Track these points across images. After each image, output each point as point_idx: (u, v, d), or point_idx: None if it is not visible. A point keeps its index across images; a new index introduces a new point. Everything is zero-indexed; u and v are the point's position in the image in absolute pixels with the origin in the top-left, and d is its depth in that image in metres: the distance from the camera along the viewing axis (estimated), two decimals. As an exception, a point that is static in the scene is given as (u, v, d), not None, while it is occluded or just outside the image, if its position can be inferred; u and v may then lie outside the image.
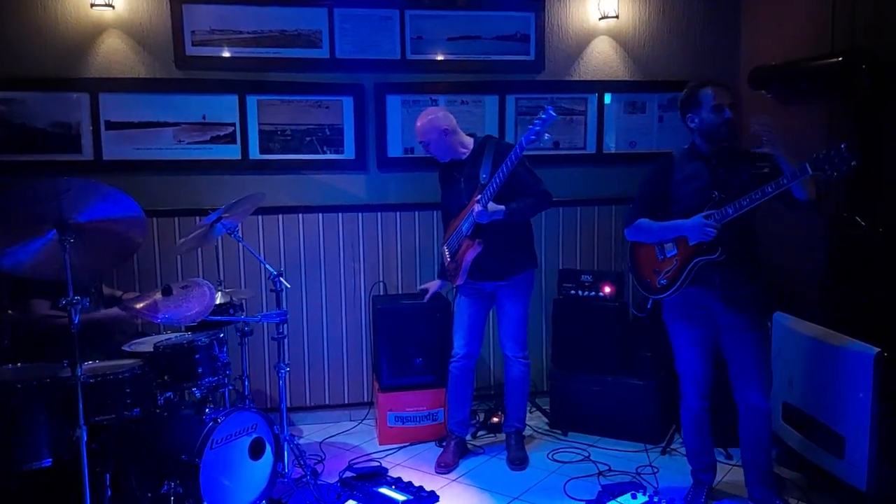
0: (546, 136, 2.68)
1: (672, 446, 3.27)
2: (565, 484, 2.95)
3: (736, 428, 2.68)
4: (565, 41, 3.75)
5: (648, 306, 2.71)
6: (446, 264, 3.22)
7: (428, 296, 3.36)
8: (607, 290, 3.47)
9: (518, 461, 3.15)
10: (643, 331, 3.40)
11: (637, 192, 2.72)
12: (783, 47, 3.48)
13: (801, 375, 2.89)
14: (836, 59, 3.02)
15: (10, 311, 2.42)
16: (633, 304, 2.80)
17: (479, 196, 2.90)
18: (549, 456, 3.23)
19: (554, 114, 2.65)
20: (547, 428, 3.55)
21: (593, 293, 3.50)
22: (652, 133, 3.89)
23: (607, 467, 3.08)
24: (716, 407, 2.72)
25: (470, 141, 3.14)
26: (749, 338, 2.54)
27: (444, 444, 3.26)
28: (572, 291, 3.54)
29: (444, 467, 3.11)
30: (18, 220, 2.10)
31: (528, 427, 3.45)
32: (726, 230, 2.44)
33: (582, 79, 3.78)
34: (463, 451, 3.24)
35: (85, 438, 2.13)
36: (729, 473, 3.00)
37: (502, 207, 2.90)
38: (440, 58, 3.62)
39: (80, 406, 2.12)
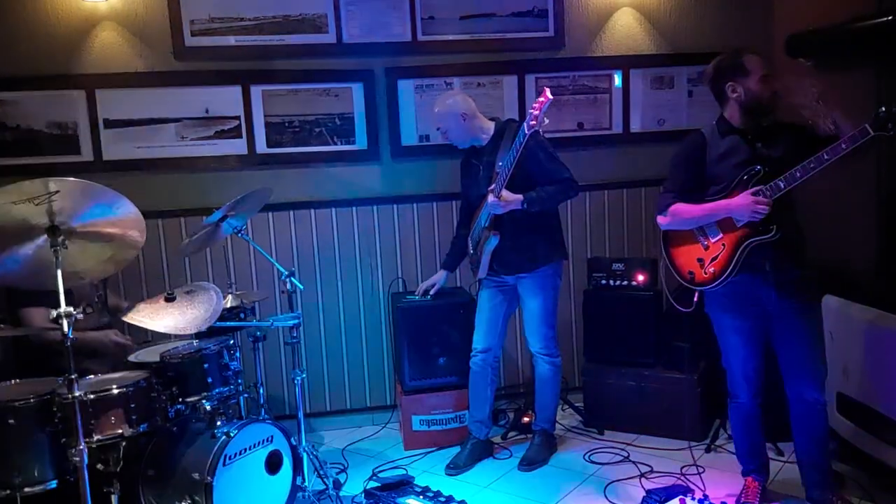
0: (545, 120, 2.53)
1: (717, 443, 3.06)
2: (605, 488, 2.76)
3: (786, 419, 2.47)
4: (586, 15, 3.52)
5: (695, 299, 2.47)
6: (469, 257, 3.06)
7: (434, 290, 3.19)
8: (641, 278, 3.26)
9: (527, 462, 2.98)
10: (680, 321, 3.17)
11: (669, 175, 2.49)
12: (821, 10, 3.23)
13: (856, 363, 2.67)
14: (885, 19, 2.78)
15: (2, 325, 2.26)
16: (673, 297, 2.57)
17: (492, 186, 2.74)
18: (586, 457, 3.04)
19: (551, 96, 2.51)
20: (581, 427, 3.35)
21: (625, 282, 3.29)
22: (681, 109, 3.66)
23: (649, 468, 2.88)
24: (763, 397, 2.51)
25: (491, 126, 2.95)
26: (803, 325, 2.33)
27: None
28: (603, 281, 3.34)
29: (452, 468, 2.97)
30: (6, 226, 1.94)
31: (561, 426, 3.29)
32: (776, 206, 2.22)
33: (605, 54, 3.55)
34: (482, 454, 3.06)
35: (87, 460, 1.97)
36: (782, 471, 2.79)
37: (519, 197, 2.74)
38: (454, 38, 3.41)
39: (79, 424, 1.96)
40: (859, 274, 3.03)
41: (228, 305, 2.77)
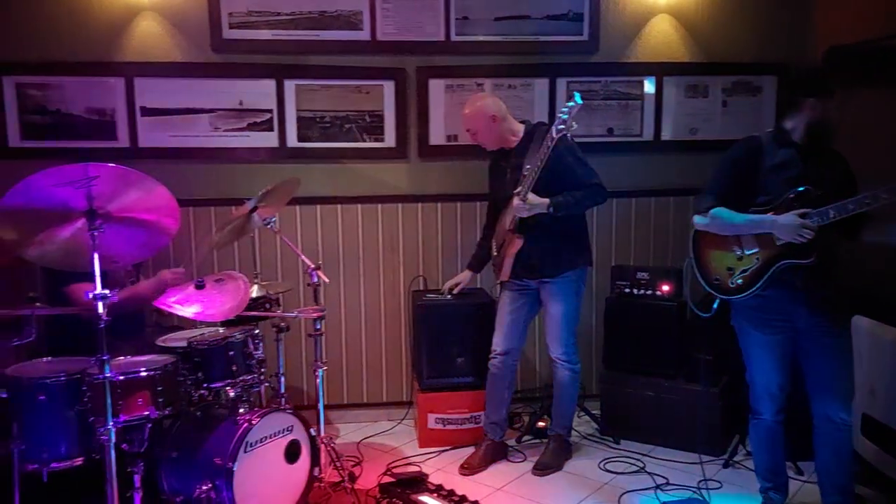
0: (574, 124, 2.52)
1: (735, 458, 3.03)
2: (620, 497, 2.75)
3: (807, 438, 2.43)
4: (622, 20, 3.50)
5: (715, 306, 2.45)
6: (492, 259, 3.07)
7: (458, 289, 3.21)
8: (665, 288, 3.24)
9: (541, 466, 2.98)
10: (703, 332, 3.15)
11: (715, 175, 2.41)
12: (865, 23, 3.17)
13: (884, 385, 2.61)
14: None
15: (37, 304, 2.32)
16: (694, 301, 2.54)
17: (518, 189, 2.73)
18: (601, 465, 3.03)
19: (580, 101, 2.49)
20: (597, 435, 3.34)
21: (649, 291, 3.27)
22: (715, 119, 3.62)
23: (665, 480, 2.86)
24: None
25: (520, 128, 2.95)
26: (832, 343, 2.29)
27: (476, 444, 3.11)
28: (626, 289, 3.31)
29: (466, 469, 2.97)
30: (45, 208, 1.99)
31: (576, 433, 3.28)
32: (820, 232, 2.18)
33: (639, 60, 3.53)
34: (496, 456, 3.07)
35: (114, 439, 2.01)
36: (801, 491, 2.75)
37: (546, 201, 2.73)
38: (487, 39, 3.41)
39: (108, 404, 2.01)
40: (891, 295, 2.97)
41: (254, 295, 2.81)
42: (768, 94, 3.61)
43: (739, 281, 2.33)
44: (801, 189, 2.23)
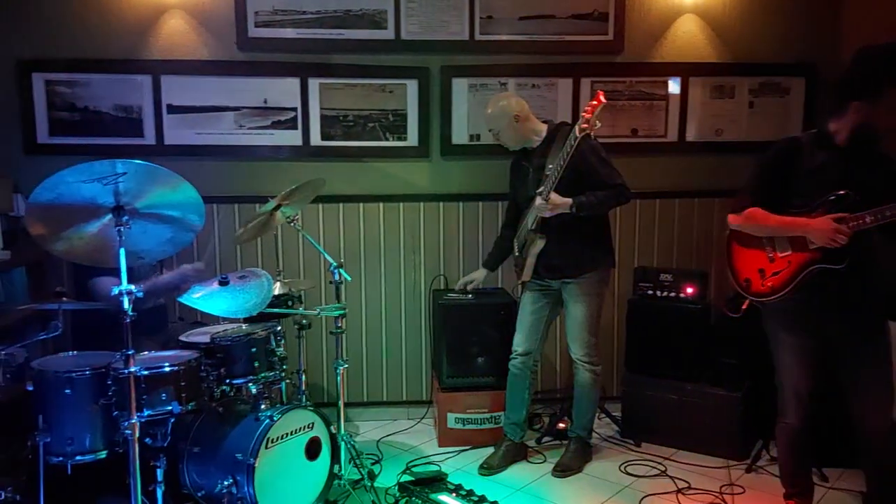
0: (598, 124, 2.51)
1: (758, 463, 2.98)
2: (641, 500, 2.72)
3: (832, 445, 2.40)
4: (647, 20, 3.46)
5: (744, 307, 2.42)
6: (514, 259, 3.05)
7: (472, 287, 3.21)
8: (689, 290, 3.20)
9: (561, 468, 2.96)
10: (728, 336, 3.12)
11: (752, 174, 2.37)
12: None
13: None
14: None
15: (64, 298, 2.35)
16: (725, 301, 2.51)
17: (541, 188, 2.71)
18: (622, 468, 3.00)
19: (604, 99, 2.48)
20: (618, 437, 3.31)
21: (673, 293, 3.23)
22: (741, 120, 3.56)
23: (687, 485, 2.82)
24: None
25: (543, 128, 2.93)
26: (872, 350, 2.24)
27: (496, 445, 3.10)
28: (649, 291, 3.28)
29: (486, 468, 2.97)
30: (73, 204, 2.01)
31: (597, 435, 3.25)
32: (853, 236, 2.12)
33: (665, 60, 3.48)
34: (516, 456, 3.05)
35: (137, 433, 2.03)
36: (825, 498, 2.70)
37: (568, 201, 2.71)
38: (511, 38, 3.39)
39: (133, 398, 2.03)
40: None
41: (277, 292, 2.82)
42: (796, 95, 3.55)
43: (770, 284, 2.29)
44: (840, 193, 2.18)
